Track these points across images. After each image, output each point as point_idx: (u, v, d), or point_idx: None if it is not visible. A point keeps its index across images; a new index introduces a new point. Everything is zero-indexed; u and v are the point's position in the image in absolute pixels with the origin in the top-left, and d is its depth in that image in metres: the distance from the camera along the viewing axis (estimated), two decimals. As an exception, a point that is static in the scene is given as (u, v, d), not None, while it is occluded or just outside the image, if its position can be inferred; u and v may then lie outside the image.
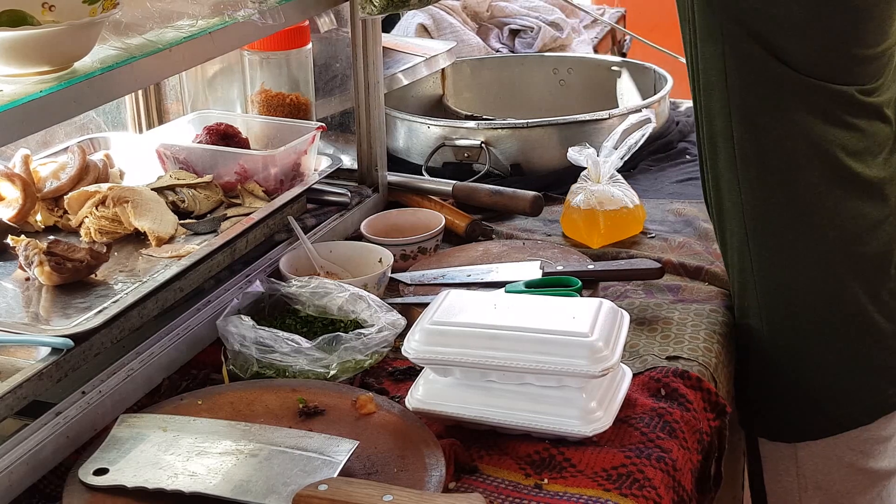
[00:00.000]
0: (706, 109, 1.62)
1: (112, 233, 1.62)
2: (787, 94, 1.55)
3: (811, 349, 1.64)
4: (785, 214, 1.61)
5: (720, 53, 1.57)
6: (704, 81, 1.61)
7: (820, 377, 1.64)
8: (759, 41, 1.54)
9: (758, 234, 1.62)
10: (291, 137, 1.83)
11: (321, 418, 1.36)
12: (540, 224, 1.98)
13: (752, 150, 1.59)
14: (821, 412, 1.65)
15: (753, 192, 1.61)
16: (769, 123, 1.57)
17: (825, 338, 1.63)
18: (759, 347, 1.67)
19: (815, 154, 1.57)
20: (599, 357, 1.30)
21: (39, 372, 1.28)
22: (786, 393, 1.66)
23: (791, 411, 1.67)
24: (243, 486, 1.21)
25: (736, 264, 1.67)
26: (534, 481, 1.29)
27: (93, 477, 1.23)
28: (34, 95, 1.25)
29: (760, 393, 1.70)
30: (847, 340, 1.63)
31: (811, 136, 1.56)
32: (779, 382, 1.67)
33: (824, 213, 1.59)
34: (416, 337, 1.37)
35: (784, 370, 1.65)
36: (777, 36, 1.53)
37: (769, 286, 1.64)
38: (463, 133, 2.19)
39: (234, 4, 1.54)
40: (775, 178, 1.60)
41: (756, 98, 1.57)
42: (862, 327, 1.63)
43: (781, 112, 1.56)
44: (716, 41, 1.57)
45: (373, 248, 1.76)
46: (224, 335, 1.49)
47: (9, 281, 1.52)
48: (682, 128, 2.41)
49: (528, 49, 2.88)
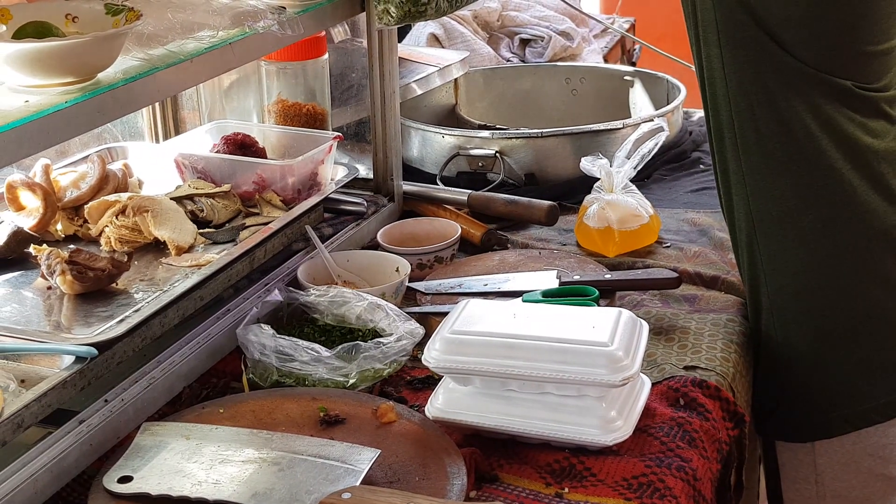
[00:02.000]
0: (711, 101, 1.63)
1: (132, 242, 1.63)
2: (786, 81, 1.55)
3: (823, 346, 1.63)
4: (789, 204, 1.60)
5: (717, 42, 1.57)
6: (708, 74, 1.62)
7: (833, 375, 1.63)
8: (761, 26, 1.53)
9: (764, 226, 1.62)
10: (308, 147, 1.84)
11: (342, 427, 1.37)
12: (555, 233, 1.99)
13: (752, 138, 1.59)
14: (835, 411, 1.64)
15: (757, 182, 1.61)
16: (767, 111, 1.57)
17: (837, 334, 1.63)
18: (771, 346, 1.66)
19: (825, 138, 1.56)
20: (619, 366, 1.31)
21: (64, 380, 1.29)
22: (799, 392, 1.66)
23: (805, 411, 1.66)
24: (267, 494, 1.21)
25: (746, 260, 1.67)
26: (554, 490, 1.30)
27: (117, 484, 1.24)
28: (60, 106, 1.26)
29: (774, 394, 1.69)
30: (859, 337, 1.62)
31: (812, 123, 1.55)
32: (792, 382, 1.66)
33: (834, 204, 1.58)
34: (436, 346, 1.38)
35: (796, 369, 1.65)
36: (778, 26, 1.53)
37: (779, 280, 1.63)
38: (477, 143, 2.20)
39: (253, 16, 1.56)
40: (777, 167, 1.59)
41: (754, 84, 1.57)
42: (875, 323, 1.62)
43: (780, 98, 1.56)
44: (716, 28, 1.57)
45: (390, 257, 1.77)
46: (244, 344, 1.50)
47: (30, 289, 1.53)
48: (696, 137, 2.42)
49: (538, 59, 2.89)
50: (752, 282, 1.67)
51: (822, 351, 1.64)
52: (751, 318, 1.70)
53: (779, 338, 1.65)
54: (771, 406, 1.70)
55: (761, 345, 1.68)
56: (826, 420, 1.65)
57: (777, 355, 1.66)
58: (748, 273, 1.68)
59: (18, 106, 1.24)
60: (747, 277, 1.69)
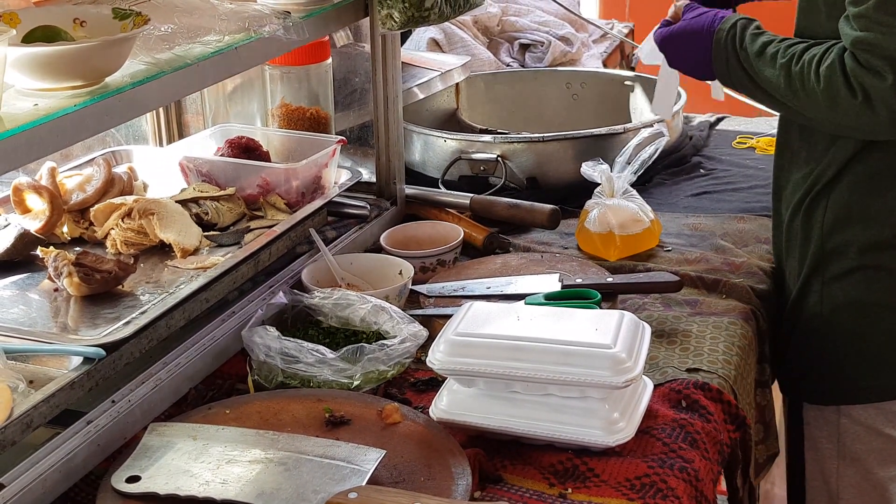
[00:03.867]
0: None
1: (137, 244, 1.64)
2: None
3: (863, 323, 1.72)
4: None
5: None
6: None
7: (867, 348, 1.72)
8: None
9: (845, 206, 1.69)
10: (311, 151, 1.85)
11: (347, 428, 1.38)
12: (556, 237, 2.00)
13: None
14: (864, 381, 1.73)
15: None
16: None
17: (877, 313, 1.71)
18: (815, 323, 1.76)
19: None
20: (622, 368, 1.32)
21: (72, 381, 1.30)
22: (833, 361, 1.75)
23: (837, 378, 1.76)
24: (274, 494, 1.22)
25: (798, 241, 1.75)
26: (558, 491, 1.31)
27: (125, 484, 1.25)
28: (68, 109, 1.27)
29: (807, 361, 1.79)
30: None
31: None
32: (827, 351, 1.75)
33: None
34: (440, 348, 1.39)
35: (834, 340, 1.75)
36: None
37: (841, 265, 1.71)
38: (479, 147, 2.21)
39: (259, 20, 1.57)
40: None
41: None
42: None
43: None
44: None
45: (393, 260, 1.78)
46: (249, 346, 1.51)
47: (37, 291, 1.54)
48: (696, 142, 2.43)
49: (538, 63, 2.91)
50: (804, 264, 1.75)
51: (862, 327, 1.73)
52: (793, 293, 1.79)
53: (825, 315, 1.74)
54: (801, 371, 1.80)
55: (801, 319, 1.78)
56: (855, 388, 1.74)
57: (817, 328, 1.76)
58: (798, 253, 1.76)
59: (28, 109, 1.25)
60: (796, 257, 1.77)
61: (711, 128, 2.56)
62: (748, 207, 2.11)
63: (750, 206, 2.12)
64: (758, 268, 1.86)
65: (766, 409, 1.77)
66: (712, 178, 2.28)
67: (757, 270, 1.85)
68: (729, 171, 2.32)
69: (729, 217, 2.07)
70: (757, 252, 1.93)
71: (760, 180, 2.24)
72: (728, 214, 2.08)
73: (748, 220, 2.05)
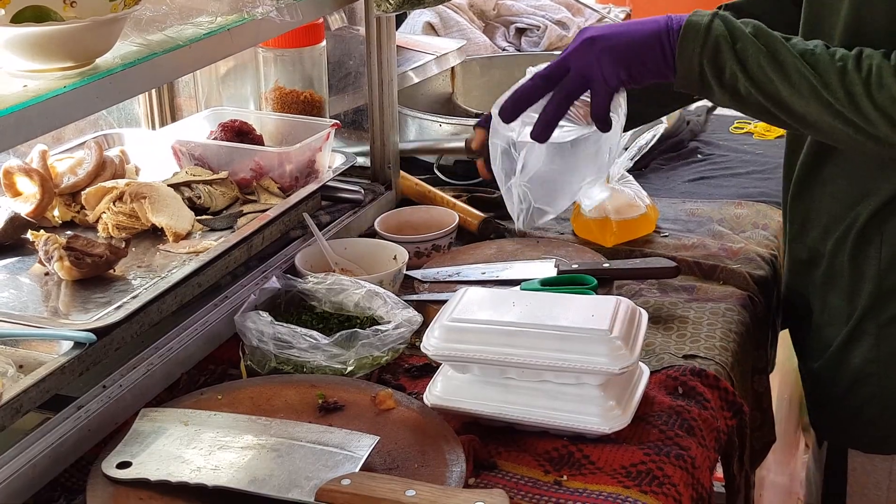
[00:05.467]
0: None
1: (129, 228, 1.63)
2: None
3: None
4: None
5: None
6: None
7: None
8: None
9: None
10: (305, 134, 1.83)
11: (341, 414, 1.37)
12: (552, 222, 1.98)
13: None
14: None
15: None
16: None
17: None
18: (867, 369, 1.60)
19: None
20: (619, 355, 1.31)
21: (62, 366, 1.29)
22: (889, 407, 1.61)
23: (891, 426, 1.62)
24: (266, 480, 1.21)
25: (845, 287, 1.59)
26: (553, 478, 1.30)
27: (116, 470, 1.23)
28: (58, 91, 1.26)
29: (857, 405, 1.63)
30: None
31: None
32: (883, 397, 1.60)
33: None
34: (435, 333, 1.38)
35: (889, 387, 1.59)
36: None
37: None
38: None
39: (252, 1, 1.55)
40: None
41: None
42: None
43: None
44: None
45: (387, 245, 1.76)
46: (242, 331, 1.50)
47: (28, 275, 1.52)
48: (693, 127, 2.42)
49: (534, 48, 2.89)
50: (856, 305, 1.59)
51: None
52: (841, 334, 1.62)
53: (882, 359, 1.59)
54: (850, 417, 1.65)
55: (851, 363, 1.61)
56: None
57: (871, 373, 1.60)
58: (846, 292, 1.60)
59: (17, 90, 1.24)
60: (843, 297, 1.60)
61: (709, 113, 2.54)
62: (746, 193, 2.10)
63: (747, 192, 2.10)
64: (755, 254, 1.84)
65: (763, 397, 1.76)
66: (709, 163, 2.27)
67: (755, 256, 1.83)
68: (726, 156, 2.30)
69: (726, 202, 2.06)
70: (755, 238, 1.91)
71: (758, 165, 2.23)
72: (725, 200, 2.07)
73: (746, 206, 2.04)
